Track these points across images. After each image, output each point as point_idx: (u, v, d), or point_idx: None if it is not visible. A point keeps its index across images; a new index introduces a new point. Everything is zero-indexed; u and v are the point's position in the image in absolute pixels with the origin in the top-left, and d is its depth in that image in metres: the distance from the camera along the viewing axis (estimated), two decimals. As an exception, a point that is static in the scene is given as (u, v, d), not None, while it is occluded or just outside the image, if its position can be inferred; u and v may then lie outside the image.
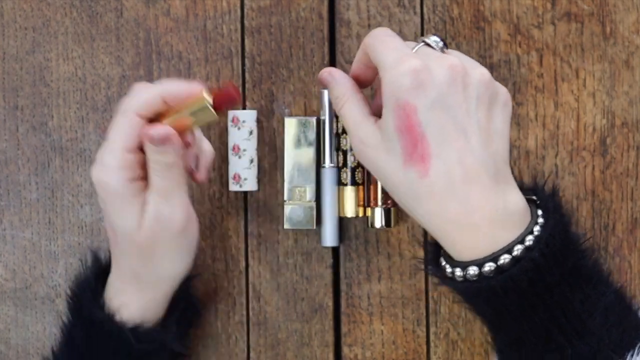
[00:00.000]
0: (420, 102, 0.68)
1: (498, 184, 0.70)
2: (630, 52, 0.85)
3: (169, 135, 0.72)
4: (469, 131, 0.69)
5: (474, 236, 0.69)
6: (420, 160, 0.68)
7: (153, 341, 0.78)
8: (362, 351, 0.86)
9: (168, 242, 0.76)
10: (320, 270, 0.86)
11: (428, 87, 0.68)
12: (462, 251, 0.70)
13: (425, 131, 0.68)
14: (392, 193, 0.72)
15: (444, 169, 0.68)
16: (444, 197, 0.68)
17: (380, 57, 0.70)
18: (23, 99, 0.87)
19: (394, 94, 0.68)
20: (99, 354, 0.77)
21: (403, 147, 0.68)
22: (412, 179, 0.69)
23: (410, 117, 0.68)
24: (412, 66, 0.68)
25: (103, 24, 0.86)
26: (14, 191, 0.87)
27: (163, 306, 0.80)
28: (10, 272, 0.87)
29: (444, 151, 0.68)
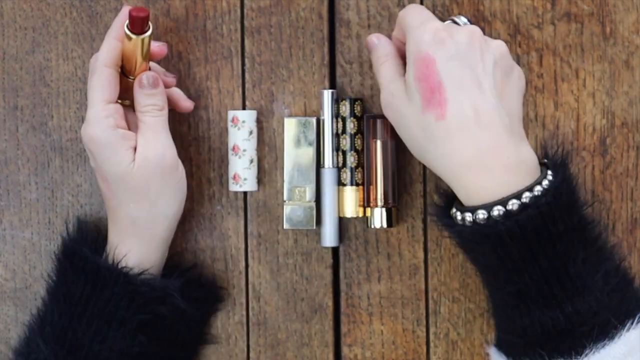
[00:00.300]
0: (439, 55, 0.74)
1: (512, 135, 0.74)
2: (630, 52, 0.85)
3: (157, 78, 0.80)
4: (485, 85, 0.74)
5: (485, 178, 0.73)
6: (438, 105, 0.73)
7: (155, 288, 0.79)
8: (362, 351, 0.86)
9: (160, 180, 0.79)
10: (320, 270, 0.86)
11: (447, 43, 0.74)
12: (472, 194, 0.73)
13: (442, 79, 0.74)
14: (410, 140, 0.76)
15: (460, 112, 0.73)
16: (459, 138, 0.73)
17: (407, 20, 0.77)
18: (23, 99, 0.87)
19: (415, 48, 0.75)
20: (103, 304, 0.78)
21: (422, 94, 0.74)
22: (430, 121, 0.74)
23: (429, 67, 0.74)
24: (433, 26, 0.75)
25: (103, 24, 0.86)
26: (14, 191, 0.87)
27: (162, 254, 0.82)
28: (10, 272, 0.87)
29: (459, 97, 0.73)
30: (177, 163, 0.80)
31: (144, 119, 0.80)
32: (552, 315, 0.72)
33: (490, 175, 0.73)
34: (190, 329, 0.83)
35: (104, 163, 0.79)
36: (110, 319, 0.78)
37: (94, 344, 0.78)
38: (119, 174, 0.78)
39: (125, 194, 0.79)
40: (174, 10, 0.86)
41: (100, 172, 0.80)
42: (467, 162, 0.73)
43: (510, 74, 0.77)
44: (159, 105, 0.80)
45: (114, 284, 0.78)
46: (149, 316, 0.79)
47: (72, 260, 0.80)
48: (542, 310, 0.73)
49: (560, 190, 0.73)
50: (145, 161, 0.78)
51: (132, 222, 0.80)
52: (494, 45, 0.76)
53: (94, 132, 0.78)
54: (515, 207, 0.72)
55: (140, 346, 0.79)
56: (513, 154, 0.73)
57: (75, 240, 0.82)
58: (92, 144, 0.79)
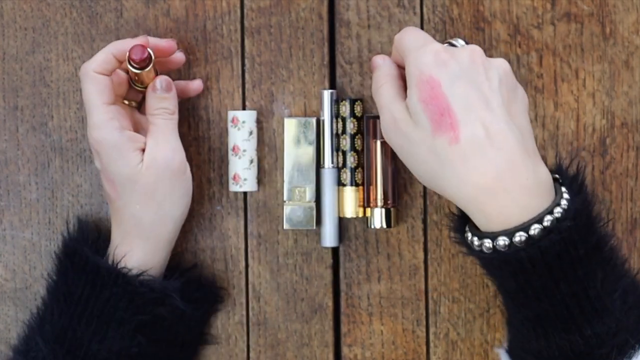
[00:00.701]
0: (443, 76, 0.71)
1: (527, 153, 0.71)
2: (630, 52, 0.85)
3: (170, 83, 0.80)
4: (493, 103, 0.71)
5: (505, 203, 0.70)
6: (450, 128, 0.70)
7: (154, 289, 0.79)
8: (361, 351, 0.86)
9: (168, 182, 0.79)
10: (320, 270, 0.86)
11: (450, 64, 0.72)
12: (492, 219, 0.70)
13: (450, 101, 0.71)
14: (419, 167, 0.73)
15: (474, 134, 0.70)
16: (476, 161, 0.70)
17: (405, 44, 0.75)
18: (23, 99, 0.87)
19: (417, 71, 0.72)
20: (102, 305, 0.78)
21: (430, 118, 0.71)
22: (443, 146, 0.71)
23: (434, 89, 0.71)
24: (434, 48, 0.73)
25: (103, 24, 0.86)
26: (14, 191, 0.87)
27: (166, 255, 0.82)
28: (10, 272, 0.87)
29: (470, 118, 0.70)
30: (185, 166, 0.81)
31: (155, 122, 0.80)
32: (570, 339, 0.71)
33: (510, 198, 0.70)
34: (189, 329, 0.83)
35: (111, 165, 0.79)
36: (109, 319, 0.78)
37: (92, 344, 0.78)
38: (127, 175, 0.78)
39: (132, 195, 0.79)
40: (174, 10, 0.86)
41: (106, 173, 0.80)
42: (486, 186, 0.70)
43: (515, 92, 0.74)
44: (170, 109, 0.80)
45: (113, 284, 0.78)
46: (148, 317, 0.79)
47: (72, 260, 0.80)
48: (561, 334, 0.71)
49: (580, 210, 0.71)
50: (154, 162, 0.79)
51: (137, 224, 0.80)
52: (497, 63, 0.74)
53: (100, 134, 0.78)
54: (538, 232, 0.69)
55: (139, 346, 0.79)
56: (531, 174, 0.70)
57: (76, 240, 0.82)
58: (99, 147, 0.79)
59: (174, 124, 0.80)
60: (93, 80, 0.79)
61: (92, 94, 0.79)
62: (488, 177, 0.70)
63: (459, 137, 0.70)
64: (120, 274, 0.78)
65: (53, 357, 0.78)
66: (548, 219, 0.69)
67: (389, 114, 0.74)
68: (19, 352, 0.81)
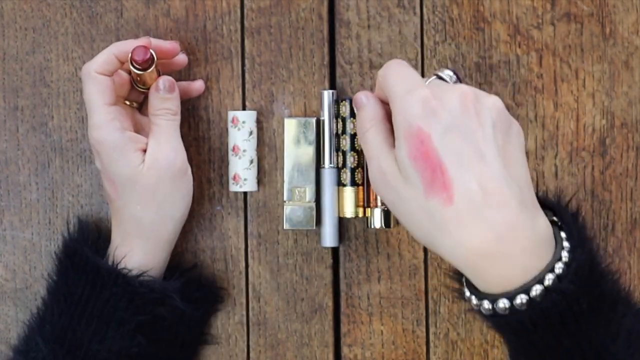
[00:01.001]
0: (434, 128, 0.66)
1: (526, 208, 0.66)
2: (629, 52, 0.85)
3: (173, 84, 0.80)
4: (488, 155, 0.66)
5: (505, 266, 0.65)
6: (442, 188, 0.65)
7: (154, 290, 0.79)
8: (361, 351, 0.86)
9: (169, 183, 0.79)
10: (320, 270, 0.86)
11: (440, 113, 0.66)
12: (490, 282, 0.66)
13: (442, 157, 0.66)
14: (412, 225, 0.68)
15: (469, 193, 0.65)
16: (471, 223, 0.65)
17: (390, 86, 0.69)
18: (23, 100, 0.87)
19: (405, 122, 0.67)
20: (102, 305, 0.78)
21: (421, 176, 0.66)
22: (436, 207, 0.66)
23: (424, 144, 0.66)
24: (422, 95, 0.67)
25: (103, 25, 0.86)
26: (14, 191, 0.87)
27: (166, 256, 0.82)
28: (10, 272, 0.87)
29: (464, 175, 0.65)
30: (186, 167, 0.81)
31: (157, 122, 0.80)
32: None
33: (510, 261, 0.65)
34: (189, 329, 0.83)
35: (112, 165, 0.79)
36: (109, 319, 0.78)
37: (92, 344, 0.78)
38: (127, 176, 0.79)
39: (132, 195, 0.79)
40: (174, 10, 0.86)
41: (107, 173, 0.80)
42: (484, 250, 0.65)
43: (509, 132, 0.68)
44: (172, 110, 0.80)
45: (113, 284, 0.78)
46: (148, 317, 0.79)
47: (72, 260, 0.80)
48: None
49: (582, 264, 0.66)
50: (155, 163, 0.79)
51: (137, 224, 0.80)
52: (489, 104, 0.68)
53: (101, 135, 0.78)
54: (539, 293, 0.64)
55: (139, 347, 0.79)
56: (530, 233, 0.65)
57: (76, 240, 0.82)
58: (100, 147, 0.79)
59: (176, 124, 0.80)
60: (94, 80, 0.79)
61: (93, 95, 0.79)
62: (486, 241, 0.65)
63: (453, 198, 0.65)
64: (120, 274, 0.78)
65: (53, 357, 0.78)
66: (549, 277, 0.65)
67: (377, 165, 0.69)
68: (19, 352, 0.81)
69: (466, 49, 0.84)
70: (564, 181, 0.85)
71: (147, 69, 0.79)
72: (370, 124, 0.71)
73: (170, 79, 0.80)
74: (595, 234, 0.83)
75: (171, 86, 0.80)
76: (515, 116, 0.84)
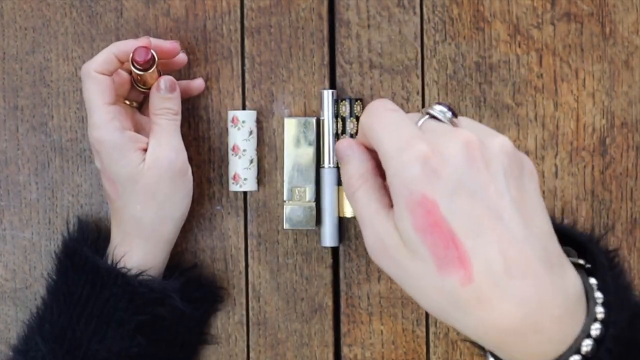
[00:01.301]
0: (439, 193, 0.55)
1: (552, 270, 0.57)
2: (629, 52, 0.85)
3: (174, 83, 0.80)
4: (505, 214, 0.56)
5: (536, 340, 0.56)
6: (458, 264, 0.55)
7: (154, 290, 0.79)
8: (361, 351, 0.86)
9: (170, 183, 0.79)
10: (320, 270, 0.86)
11: (444, 174, 0.55)
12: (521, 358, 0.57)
13: (453, 227, 0.55)
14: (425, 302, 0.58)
15: (488, 266, 0.55)
16: (496, 301, 0.55)
17: (379, 142, 0.58)
18: (23, 99, 0.87)
19: (405, 189, 0.56)
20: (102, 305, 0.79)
21: (431, 251, 0.55)
22: (453, 287, 0.55)
23: (431, 214, 0.55)
24: (419, 152, 0.55)
25: (103, 24, 0.86)
26: (14, 191, 0.87)
27: (165, 255, 0.82)
28: (10, 272, 0.87)
29: (482, 246, 0.55)
30: (187, 167, 0.81)
31: (158, 122, 0.80)
32: None
33: (541, 335, 0.56)
34: (189, 329, 0.83)
35: (112, 165, 0.79)
36: (109, 319, 0.78)
37: (92, 344, 0.78)
38: (128, 176, 0.79)
39: (132, 195, 0.79)
40: (174, 10, 0.86)
41: (107, 173, 0.80)
42: (512, 329, 0.55)
43: (523, 178, 0.58)
44: (173, 110, 0.80)
45: (112, 284, 0.78)
46: (148, 317, 0.79)
47: (72, 260, 0.80)
48: None
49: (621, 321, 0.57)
50: (156, 162, 0.79)
51: (137, 224, 0.80)
52: (497, 149, 0.57)
53: (101, 135, 0.78)
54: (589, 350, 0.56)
55: (138, 347, 0.79)
56: (560, 298, 0.56)
57: (76, 240, 0.82)
58: (100, 146, 0.79)
59: (177, 124, 0.81)
60: (94, 80, 0.79)
61: (93, 94, 0.79)
62: (514, 318, 0.55)
63: (472, 276, 0.55)
64: (119, 274, 0.78)
65: (52, 357, 0.78)
66: (587, 344, 0.56)
67: (374, 233, 0.58)
68: (19, 351, 0.81)
69: (466, 49, 0.84)
70: (564, 181, 0.85)
71: (149, 69, 0.79)
72: (359, 183, 0.59)
73: (171, 79, 0.80)
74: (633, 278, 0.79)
75: (172, 86, 0.80)
76: (515, 116, 0.84)
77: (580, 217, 0.85)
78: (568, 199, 0.85)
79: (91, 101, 0.79)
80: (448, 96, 0.85)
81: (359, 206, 0.59)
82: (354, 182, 0.60)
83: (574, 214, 0.85)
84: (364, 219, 0.59)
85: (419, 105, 0.85)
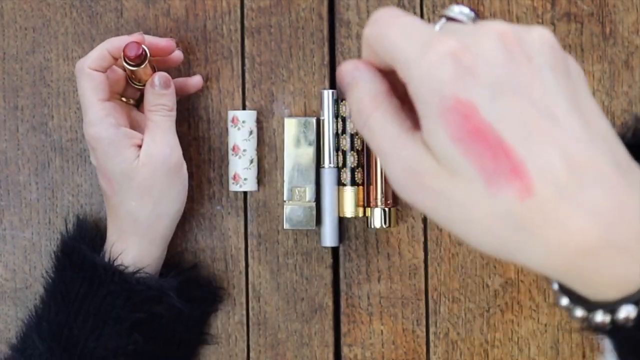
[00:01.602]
0: (478, 95, 0.46)
1: (625, 174, 0.47)
2: (629, 52, 0.85)
3: (168, 80, 0.80)
4: (558, 112, 0.47)
5: (622, 262, 0.46)
6: (514, 176, 0.46)
7: (151, 287, 0.79)
8: (361, 351, 0.86)
9: (165, 179, 0.79)
10: (320, 270, 0.86)
11: (479, 71, 0.46)
12: (602, 286, 0.48)
13: (499, 132, 0.46)
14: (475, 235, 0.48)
15: (551, 174, 0.46)
16: (565, 215, 0.46)
17: (395, 50, 0.48)
18: (23, 99, 0.87)
19: (434, 94, 0.46)
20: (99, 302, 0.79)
21: (477, 164, 0.46)
22: (510, 204, 0.46)
23: (470, 119, 0.46)
24: (446, 49, 0.46)
25: (103, 24, 0.86)
26: (14, 191, 0.87)
27: (161, 252, 0.82)
28: (10, 272, 0.87)
29: (538, 151, 0.46)
30: (182, 163, 0.81)
31: (152, 118, 0.80)
32: None
33: (625, 255, 0.46)
34: (187, 328, 0.83)
35: (107, 162, 0.79)
36: (106, 317, 0.78)
37: (89, 342, 0.78)
38: (123, 172, 0.79)
39: (128, 192, 0.79)
40: (174, 10, 0.86)
41: (102, 170, 0.80)
42: (590, 248, 0.46)
43: (570, 72, 0.49)
44: (168, 106, 0.80)
45: (110, 282, 0.78)
46: (145, 315, 0.79)
47: (70, 258, 0.80)
48: None
49: None
50: (150, 159, 0.79)
51: (133, 221, 0.80)
52: (538, 40, 0.48)
53: (95, 131, 0.78)
54: None
55: (135, 344, 0.79)
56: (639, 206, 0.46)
57: (74, 238, 0.82)
58: (95, 143, 0.79)
59: (172, 120, 0.80)
60: (88, 77, 0.79)
61: (87, 91, 0.79)
62: (590, 235, 0.46)
63: (532, 186, 0.45)
64: (116, 271, 0.78)
65: (50, 355, 0.78)
66: None
67: (400, 162, 0.48)
68: (17, 349, 0.81)
69: (466, 49, 0.84)
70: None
71: (140, 64, 0.79)
72: (373, 106, 0.49)
73: (165, 75, 0.80)
74: None
75: (166, 82, 0.80)
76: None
77: (581, 217, 0.85)
78: None
79: (85, 98, 0.79)
80: (448, 96, 0.85)
81: (376, 135, 0.49)
82: (366, 106, 0.49)
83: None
84: (384, 148, 0.49)
85: (419, 105, 0.85)
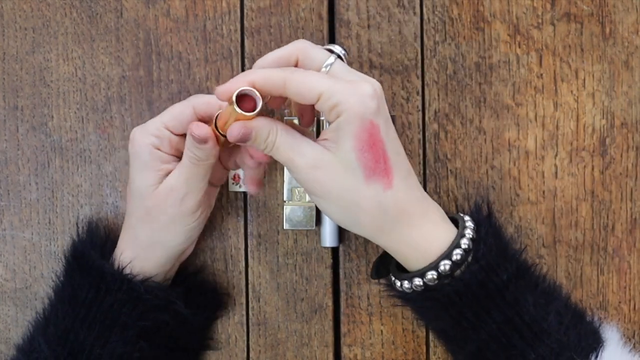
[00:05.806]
0: (379, 119, 0.72)
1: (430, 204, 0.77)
2: (629, 52, 0.85)
3: (207, 137, 0.75)
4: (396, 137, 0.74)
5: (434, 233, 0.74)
6: (384, 174, 0.72)
7: (158, 296, 0.79)
8: (361, 351, 0.86)
9: (173, 216, 0.78)
10: (320, 270, 0.86)
11: (381, 106, 0.72)
12: (423, 253, 0.74)
13: (386, 147, 0.72)
14: (349, 208, 0.73)
15: (404, 179, 0.73)
16: (408, 205, 0.74)
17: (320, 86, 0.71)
18: (23, 99, 0.87)
19: (357, 117, 0.71)
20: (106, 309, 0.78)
21: (364, 164, 0.72)
22: (377, 191, 0.72)
23: (374, 137, 0.71)
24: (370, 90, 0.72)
25: (103, 25, 0.86)
26: (14, 191, 0.87)
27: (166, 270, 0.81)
28: (10, 272, 0.87)
29: (399, 162, 0.73)
30: (197, 208, 0.79)
31: (184, 159, 0.78)
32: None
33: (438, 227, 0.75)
34: (191, 335, 0.83)
35: (133, 173, 0.79)
36: (112, 324, 0.78)
37: (95, 348, 0.78)
38: (139, 189, 0.78)
39: (137, 210, 0.79)
40: (174, 10, 0.86)
41: (130, 179, 0.79)
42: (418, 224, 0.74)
43: None
44: (199, 157, 0.76)
45: (117, 289, 0.78)
46: (151, 323, 0.79)
47: (79, 263, 0.80)
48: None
49: (486, 236, 0.75)
50: (165, 190, 0.78)
51: (134, 237, 0.80)
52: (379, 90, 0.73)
53: (137, 137, 0.78)
54: (459, 258, 0.73)
55: (141, 352, 0.79)
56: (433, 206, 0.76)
57: (84, 243, 0.82)
58: (131, 146, 0.78)
59: (205, 168, 0.77)
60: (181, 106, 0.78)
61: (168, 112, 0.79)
62: (419, 217, 0.74)
63: (392, 182, 0.73)
64: (125, 279, 0.78)
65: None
66: (457, 252, 0.74)
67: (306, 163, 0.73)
68: (23, 351, 0.81)
69: (466, 49, 0.84)
70: (564, 181, 0.85)
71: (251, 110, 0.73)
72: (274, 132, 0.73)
73: (206, 131, 0.76)
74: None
75: (202, 139, 0.75)
76: (515, 116, 0.84)
77: (580, 217, 0.85)
78: (568, 199, 0.85)
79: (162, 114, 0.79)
80: (448, 96, 0.85)
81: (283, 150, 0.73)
82: (270, 136, 0.72)
83: (574, 214, 0.85)
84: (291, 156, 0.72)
85: (418, 105, 0.85)
